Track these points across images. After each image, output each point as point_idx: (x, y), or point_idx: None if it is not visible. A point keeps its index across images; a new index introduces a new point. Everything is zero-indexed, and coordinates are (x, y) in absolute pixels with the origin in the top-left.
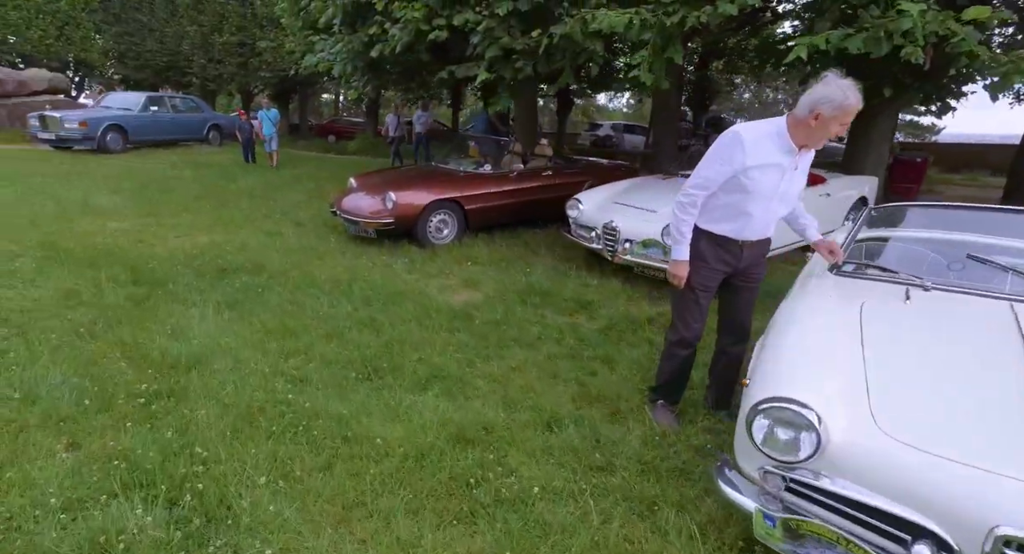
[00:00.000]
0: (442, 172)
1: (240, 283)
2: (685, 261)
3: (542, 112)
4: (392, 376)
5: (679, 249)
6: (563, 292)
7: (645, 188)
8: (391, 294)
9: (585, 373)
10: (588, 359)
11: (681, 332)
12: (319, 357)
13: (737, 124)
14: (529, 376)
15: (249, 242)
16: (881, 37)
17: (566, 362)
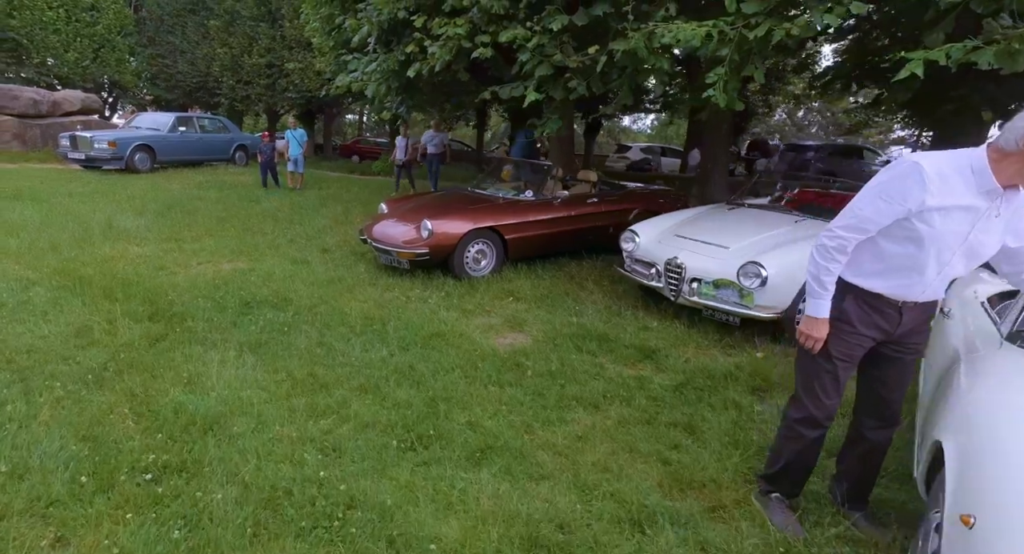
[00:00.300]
0: (479, 199)
1: (264, 320)
2: (825, 319)
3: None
4: (439, 445)
5: (818, 305)
6: (622, 337)
7: (710, 220)
8: (429, 336)
9: (667, 446)
10: (666, 426)
11: (809, 408)
12: (354, 418)
13: (916, 154)
14: (601, 449)
15: (274, 271)
16: (1017, 50)
17: (641, 430)
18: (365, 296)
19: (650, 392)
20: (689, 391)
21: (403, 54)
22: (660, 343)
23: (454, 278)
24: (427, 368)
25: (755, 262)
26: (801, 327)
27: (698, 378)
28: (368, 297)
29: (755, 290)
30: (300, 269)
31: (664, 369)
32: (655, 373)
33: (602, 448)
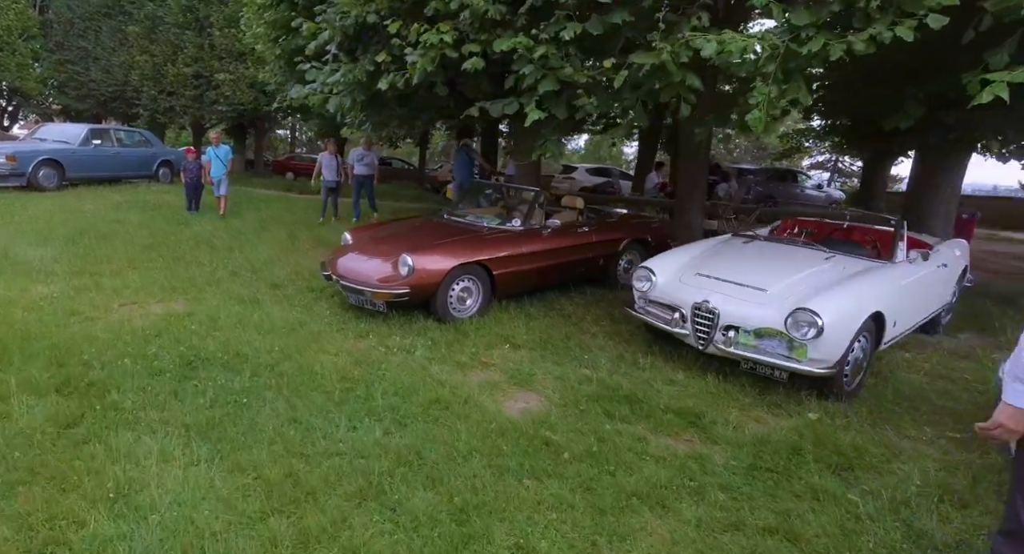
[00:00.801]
0: (460, 229)
1: (215, 387)
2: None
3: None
4: None
5: None
6: (652, 397)
7: (732, 256)
8: (427, 404)
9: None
10: (761, 533)
11: None
12: (362, 550)
13: None
14: None
15: (219, 315)
16: None
17: (732, 539)
18: (336, 347)
19: (718, 478)
20: (762, 474)
21: (372, 64)
22: (697, 404)
23: (436, 321)
24: (438, 454)
25: (808, 309)
26: (1005, 420)
27: (764, 455)
28: (340, 348)
29: (808, 342)
30: (251, 311)
31: (716, 439)
32: (709, 446)
33: None
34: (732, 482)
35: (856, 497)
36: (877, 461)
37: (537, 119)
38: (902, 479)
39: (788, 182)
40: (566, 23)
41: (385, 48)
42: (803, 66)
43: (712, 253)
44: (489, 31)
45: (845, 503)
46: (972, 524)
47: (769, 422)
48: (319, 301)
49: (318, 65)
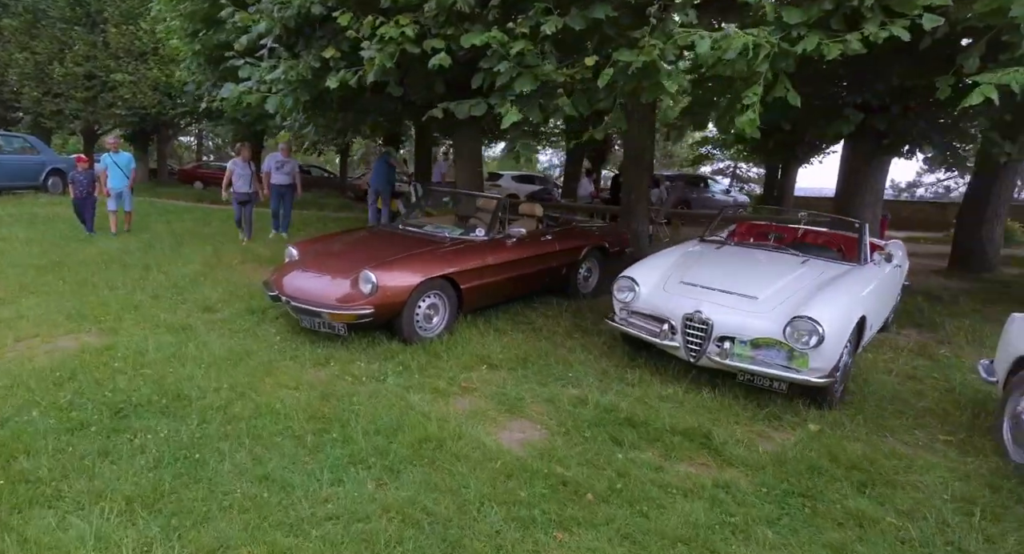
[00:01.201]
0: (420, 240)
1: (157, 441)
2: None
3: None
4: None
5: None
6: (654, 418)
7: (710, 263)
8: (417, 442)
9: None
10: None
11: None
12: None
13: None
14: None
15: (145, 347)
16: None
17: None
18: (294, 379)
19: (754, 509)
20: (795, 500)
21: (318, 59)
22: (700, 421)
23: (402, 342)
24: (447, 508)
25: (807, 317)
26: None
27: (787, 477)
28: (299, 380)
29: (810, 351)
30: (184, 341)
31: (732, 462)
32: (727, 470)
33: None
34: (770, 514)
35: (894, 519)
36: (892, 473)
37: (515, 121)
38: (928, 495)
39: (700, 187)
40: (546, 17)
41: (332, 43)
42: (789, 66)
43: (689, 260)
44: (455, 25)
45: (889, 528)
46: (1017, 541)
47: (774, 437)
48: (263, 324)
49: (253, 61)
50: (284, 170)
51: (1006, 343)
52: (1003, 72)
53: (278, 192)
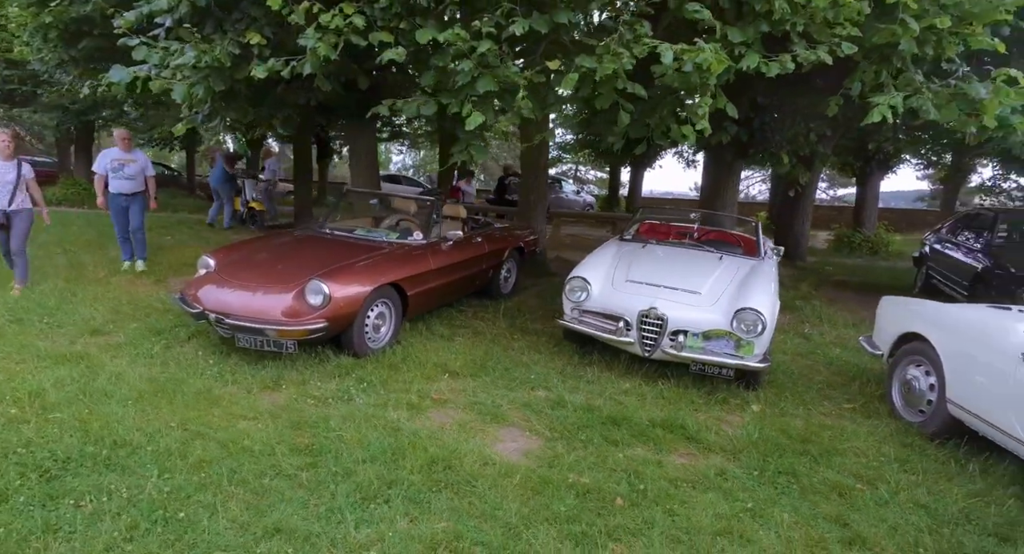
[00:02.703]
0: (358, 245)
1: (116, 501)
2: None
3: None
4: None
5: None
6: (631, 414)
7: (645, 260)
8: (424, 467)
9: None
10: (843, 545)
11: None
12: None
13: None
14: None
15: (41, 385)
16: (940, 104)
17: None
18: (248, 407)
19: (757, 492)
20: (782, 480)
21: (237, 45)
22: (668, 413)
23: (352, 356)
24: (494, 534)
25: (752, 309)
26: None
27: (764, 457)
28: (254, 408)
29: (755, 339)
30: (87, 374)
31: (712, 449)
32: (710, 457)
33: None
34: (771, 495)
35: (862, 486)
36: (832, 443)
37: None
38: (869, 458)
39: (554, 188)
40: (511, 18)
41: (253, 27)
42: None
43: (625, 259)
44: (407, 19)
45: (861, 494)
46: (961, 492)
47: (730, 420)
48: (175, 346)
49: (148, 41)
50: (126, 172)
51: (887, 322)
52: (888, 97)
53: (120, 204)
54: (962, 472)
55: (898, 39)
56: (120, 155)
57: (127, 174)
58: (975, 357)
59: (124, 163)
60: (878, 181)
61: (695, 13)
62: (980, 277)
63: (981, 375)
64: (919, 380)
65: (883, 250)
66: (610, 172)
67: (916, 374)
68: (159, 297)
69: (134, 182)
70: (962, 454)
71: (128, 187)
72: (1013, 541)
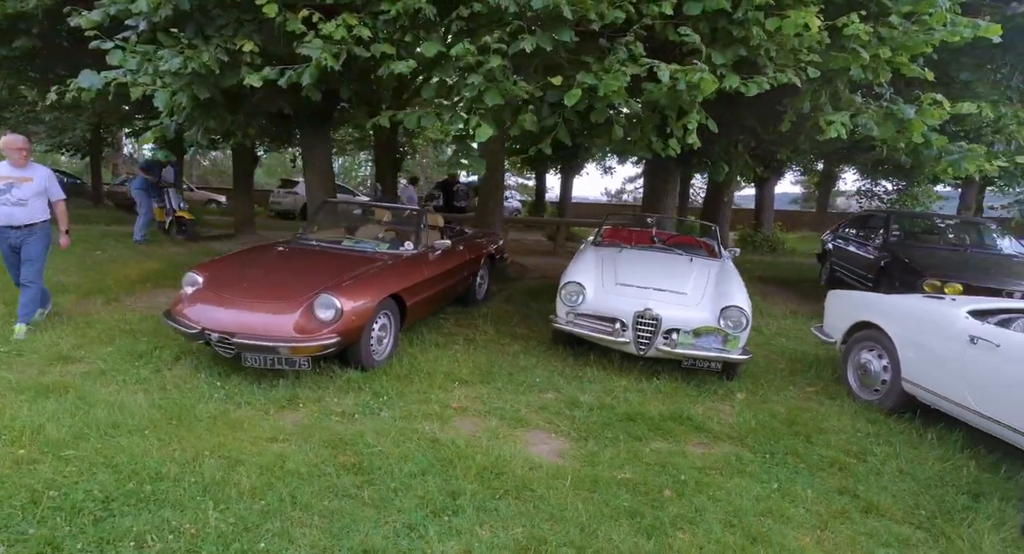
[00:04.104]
0: (349, 256)
1: (183, 539)
2: None
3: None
4: None
5: None
6: (642, 410)
7: (628, 264)
8: (477, 476)
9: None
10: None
11: None
12: None
13: None
14: None
15: (32, 421)
16: (879, 122)
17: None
18: (272, 429)
19: (780, 475)
20: (790, 461)
21: (225, 53)
22: (672, 406)
23: (357, 369)
24: (573, 535)
25: (737, 306)
26: None
27: (768, 441)
28: (279, 429)
29: (740, 334)
30: (80, 406)
31: (719, 437)
32: (719, 445)
33: None
34: (789, 476)
35: (853, 460)
36: (813, 423)
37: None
38: (850, 435)
39: None
40: (522, 35)
41: (241, 33)
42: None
43: (608, 263)
44: (411, 32)
45: (858, 467)
46: (935, 457)
47: (722, 409)
48: (164, 370)
49: (120, 43)
50: (14, 195)
51: (838, 313)
52: (840, 115)
53: (8, 241)
54: (923, 441)
55: (849, 65)
56: (8, 172)
57: (16, 198)
58: (928, 341)
59: (13, 183)
60: (773, 186)
61: (685, 36)
62: (884, 270)
63: (934, 357)
64: (873, 363)
65: (780, 248)
66: (536, 178)
67: (869, 358)
68: (124, 318)
69: (26, 209)
70: (918, 425)
71: (20, 216)
72: (983, 496)
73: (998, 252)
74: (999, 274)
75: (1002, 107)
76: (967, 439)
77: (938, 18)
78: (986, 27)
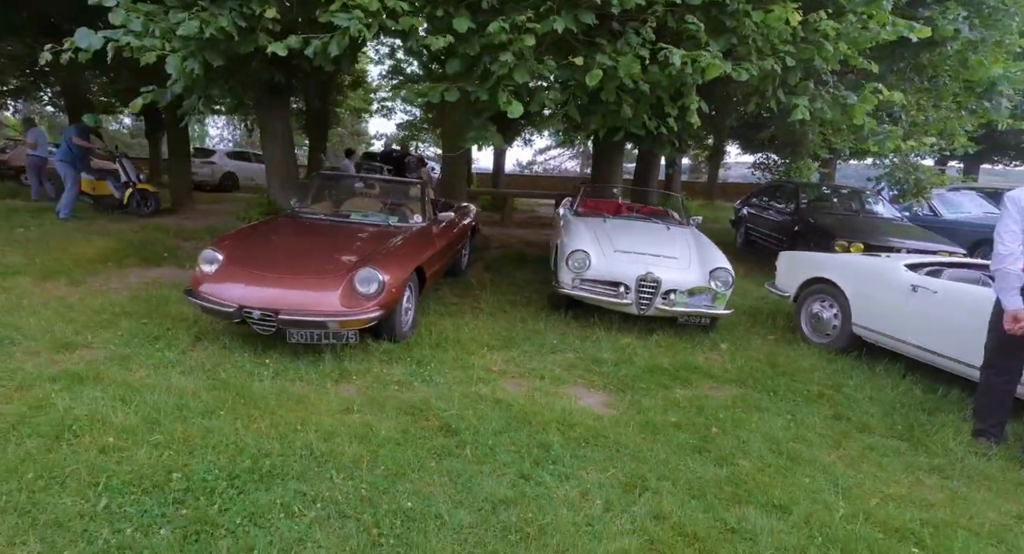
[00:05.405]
0: (362, 229)
1: (328, 513)
2: None
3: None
4: None
5: None
6: (656, 362)
7: (620, 232)
8: (551, 427)
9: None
10: (861, 432)
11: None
12: None
13: None
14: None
15: (94, 410)
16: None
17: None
18: (342, 401)
19: (793, 409)
20: (790, 397)
21: (242, 18)
22: (672, 358)
23: (390, 341)
24: (669, 470)
25: (724, 268)
26: None
27: (764, 382)
28: (349, 401)
29: (727, 292)
30: (124, 391)
31: (726, 381)
32: (727, 388)
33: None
34: (794, 408)
35: (840, 394)
36: (790, 365)
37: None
38: (827, 374)
39: None
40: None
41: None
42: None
43: (602, 231)
44: (442, 6)
45: (845, 399)
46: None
47: (716, 358)
48: (191, 352)
49: (127, 3)
50: None
51: (793, 271)
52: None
53: None
54: (874, 373)
55: (813, 56)
56: None
57: None
58: (875, 292)
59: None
60: (681, 159)
61: (690, 25)
62: (799, 233)
63: (881, 304)
64: (825, 312)
65: (689, 215)
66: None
67: (821, 308)
68: (109, 301)
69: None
70: (867, 360)
71: None
72: (936, 411)
73: (881, 216)
74: (889, 233)
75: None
76: (907, 368)
77: (880, 18)
78: (919, 29)
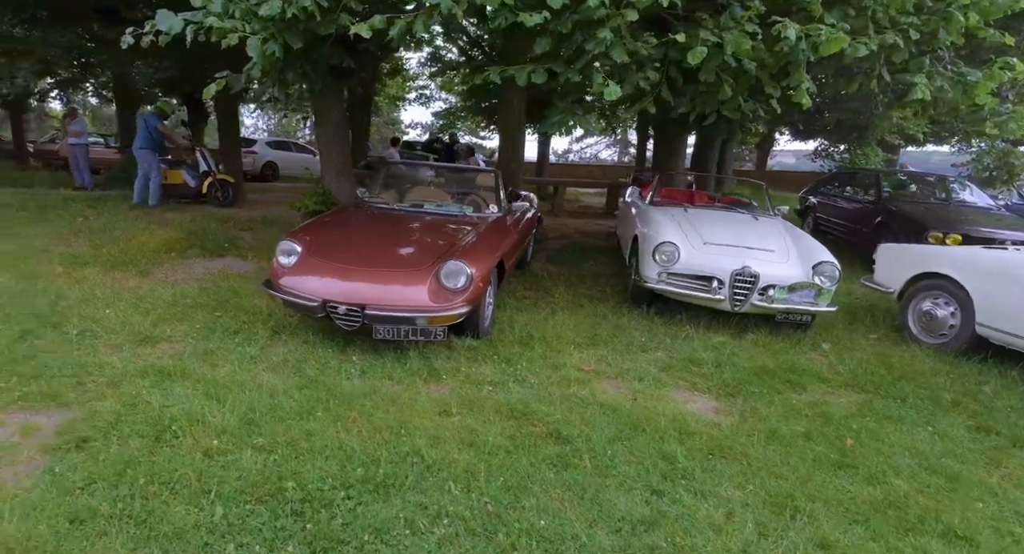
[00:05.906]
0: (440, 220)
1: (455, 530)
2: None
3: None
4: None
5: None
6: (760, 364)
7: (706, 223)
8: (668, 436)
9: None
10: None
11: None
12: None
13: None
14: None
15: (191, 410)
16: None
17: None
18: (435, 402)
19: (924, 418)
20: (920, 405)
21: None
22: (779, 359)
23: (473, 338)
24: (810, 489)
25: (829, 262)
26: None
27: (884, 386)
28: (443, 402)
29: (831, 288)
30: (215, 389)
31: (839, 385)
32: (844, 393)
33: None
34: (929, 417)
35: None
36: (902, 366)
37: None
38: (943, 375)
39: None
40: None
41: None
42: None
43: (686, 222)
44: None
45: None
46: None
47: (818, 360)
48: (270, 347)
49: None
50: None
51: (895, 265)
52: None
53: None
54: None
55: (938, 28)
56: None
57: None
58: (1008, 290)
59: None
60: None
61: None
62: (882, 224)
63: (1016, 303)
64: (938, 310)
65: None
66: None
67: (932, 306)
68: (180, 293)
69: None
70: (993, 363)
71: None
72: None
73: (974, 205)
74: (987, 224)
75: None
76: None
77: None
78: None
